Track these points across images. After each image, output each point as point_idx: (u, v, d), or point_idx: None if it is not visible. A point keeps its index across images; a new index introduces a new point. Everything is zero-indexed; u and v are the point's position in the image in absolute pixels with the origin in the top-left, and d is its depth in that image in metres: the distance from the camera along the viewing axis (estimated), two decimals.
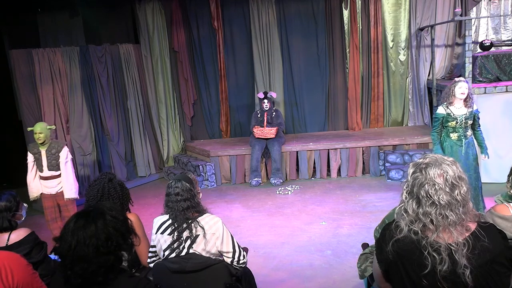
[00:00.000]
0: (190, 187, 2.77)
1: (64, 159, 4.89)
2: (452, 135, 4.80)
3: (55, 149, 4.86)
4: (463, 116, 4.72)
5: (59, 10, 7.83)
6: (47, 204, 4.99)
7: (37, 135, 4.80)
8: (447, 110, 4.77)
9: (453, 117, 4.74)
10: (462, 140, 4.78)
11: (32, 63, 6.82)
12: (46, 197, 4.98)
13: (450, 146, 4.82)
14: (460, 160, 4.72)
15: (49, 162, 4.86)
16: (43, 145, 4.87)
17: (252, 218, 5.86)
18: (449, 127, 4.79)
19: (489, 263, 1.72)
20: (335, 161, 7.41)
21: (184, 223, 2.70)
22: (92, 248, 1.66)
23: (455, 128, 4.76)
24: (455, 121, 4.73)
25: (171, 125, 8.61)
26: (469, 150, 4.80)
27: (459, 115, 4.72)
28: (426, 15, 7.94)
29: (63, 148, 4.90)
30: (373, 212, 5.69)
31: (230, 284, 2.75)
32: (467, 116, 4.72)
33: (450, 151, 4.81)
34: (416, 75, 8.13)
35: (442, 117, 4.80)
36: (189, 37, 8.31)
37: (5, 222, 2.80)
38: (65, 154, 4.89)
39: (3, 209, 2.81)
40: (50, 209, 4.99)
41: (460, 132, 4.76)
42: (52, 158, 4.86)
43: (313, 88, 8.34)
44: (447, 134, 4.84)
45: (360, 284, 3.88)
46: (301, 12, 8.14)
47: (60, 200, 4.96)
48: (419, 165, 1.81)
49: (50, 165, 4.87)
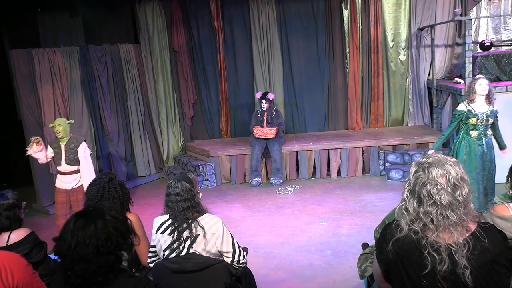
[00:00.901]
0: (190, 187, 2.77)
1: (83, 153, 4.99)
2: (472, 133, 4.78)
3: (74, 144, 4.97)
4: (485, 113, 4.71)
5: (59, 10, 7.82)
6: (60, 199, 5.06)
7: (56, 128, 4.93)
8: (468, 107, 4.75)
9: (474, 114, 4.72)
10: (482, 138, 4.76)
11: (32, 63, 6.81)
12: (60, 192, 5.05)
13: (469, 145, 4.79)
14: (478, 159, 4.74)
15: (67, 156, 4.96)
16: (62, 140, 4.98)
17: (252, 218, 5.86)
18: (470, 124, 4.76)
19: (489, 263, 1.71)
20: (335, 161, 7.41)
21: (184, 223, 2.70)
22: (92, 248, 1.66)
23: (476, 126, 4.74)
24: (476, 118, 4.71)
25: (171, 125, 8.61)
26: (487, 150, 4.79)
27: (481, 112, 4.71)
28: (426, 15, 7.94)
29: (82, 143, 5.01)
30: (373, 212, 5.69)
31: (230, 284, 2.75)
32: (489, 114, 4.71)
33: (468, 150, 4.78)
34: (416, 75, 8.13)
35: (462, 113, 4.78)
36: (189, 37, 8.31)
37: (15, 219, 2.80)
38: (83, 149, 5.00)
39: (13, 205, 2.81)
40: (61, 204, 5.05)
41: (480, 130, 4.75)
42: (70, 152, 4.96)
43: (313, 88, 8.34)
44: (466, 132, 4.81)
45: (360, 284, 3.88)
46: (301, 12, 8.14)
47: (73, 196, 5.04)
48: (422, 164, 1.81)
49: (68, 159, 4.97)
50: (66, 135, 4.99)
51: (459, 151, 4.87)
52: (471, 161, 4.79)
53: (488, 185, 4.84)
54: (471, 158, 4.79)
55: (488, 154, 4.81)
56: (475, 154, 4.77)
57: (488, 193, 4.84)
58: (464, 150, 4.82)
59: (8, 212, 2.78)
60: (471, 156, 4.79)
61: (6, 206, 2.78)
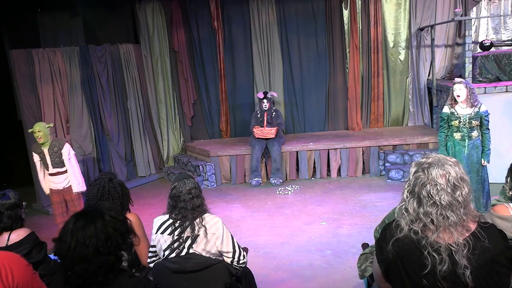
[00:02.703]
0: (197, 184, 2.80)
1: (67, 155, 4.99)
2: (455, 135, 4.82)
3: (57, 147, 4.96)
4: (467, 116, 4.72)
5: (59, 10, 7.82)
6: (54, 199, 5.10)
7: (36, 134, 4.89)
8: (451, 109, 4.81)
9: (456, 116, 4.76)
10: (466, 140, 4.77)
11: (32, 63, 6.81)
12: (54, 192, 5.09)
13: (453, 146, 4.85)
14: (462, 160, 4.73)
15: (52, 160, 4.96)
16: (44, 145, 4.95)
17: (252, 218, 5.86)
18: (453, 126, 4.82)
19: (489, 263, 1.71)
20: (335, 161, 7.41)
21: (188, 221, 2.69)
22: (91, 249, 1.66)
23: (459, 128, 4.78)
24: (458, 121, 4.75)
25: (171, 125, 8.61)
26: (473, 151, 4.78)
27: (463, 114, 4.74)
28: (426, 15, 7.94)
29: (64, 145, 4.99)
30: (373, 212, 5.69)
31: (230, 284, 2.75)
32: (472, 116, 4.71)
33: (453, 151, 4.83)
34: (416, 75, 8.13)
35: (446, 116, 4.85)
36: (189, 37, 8.31)
37: (17, 218, 2.81)
38: (67, 150, 4.99)
39: (15, 205, 2.81)
40: (57, 204, 5.10)
41: (463, 132, 4.76)
42: (55, 156, 4.96)
43: (313, 88, 8.34)
44: (451, 133, 4.87)
45: (360, 284, 3.88)
46: (301, 12, 8.14)
47: (66, 195, 5.07)
48: (421, 164, 1.81)
49: (54, 162, 4.97)
50: (47, 140, 4.95)
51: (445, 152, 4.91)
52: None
53: (478, 187, 4.80)
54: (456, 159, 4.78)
55: (474, 156, 4.78)
56: (459, 155, 4.78)
57: (478, 196, 4.79)
58: (450, 151, 4.87)
59: (10, 212, 2.78)
60: (456, 156, 4.77)
61: (8, 206, 2.78)
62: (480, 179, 4.85)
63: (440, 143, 4.97)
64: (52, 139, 5.03)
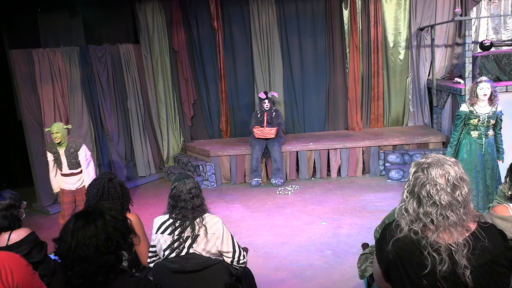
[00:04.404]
0: (197, 183, 2.80)
1: (84, 157, 4.98)
2: (473, 133, 4.84)
3: (73, 149, 4.93)
4: (486, 114, 4.75)
5: (59, 10, 7.81)
6: (66, 199, 5.07)
7: (54, 135, 4.86)
8: (470, 108, 4.81)
9: (475, 115, 4.77)
10: (482, 138, 4.81)
11: (32, 63, 6.81)
12: (66, 193, 5.07)
13: (470, 144, 4.86)
14: (478, 158, 4.80)
15: (68, 161, 4.94)
16: (60, 145, 4.93)
17: (252, 218, 5.86)
18: (471, 124, 4.82)
19: (489, 263, 1.71)
20: (335, 161, 7.41)
21: (188, 221, 2.69)
22: (92, 248, 1.66)
23: (477, 126, 4.80)
24: (477, 119, 4.76)
25: (171, 125, 8.61)
26: (489, 149, 4.84)
27: (482, 113, 4.76)
28: (426, 15, 7.94)
29: (82, 147, 4.98)
30: (373, 212, 5.69)
31: (230, 284, 2.75)
32: (490, 115, 4.75)
33: (469, 149, 4.85)
34: (416, 75, 8.13)
35: (465, 114, 4.84)
36: (189, 37, 8.31)
37: (13, 218, 2.81)
38: (83, 152, 4.98)
39: (10, 205, 2.81)
40: (67, 204, 5.07)
41: (481, 131, 4.80)
42: (71, 157, 4.94)
43: (313, 88, 8.35)
44: (467, 131, 4.88)
45: (360, 284, 3.88)
46: (301, 12, 8.14)
47: (78, 196, 5.05)
48: (421, 164, 1.81)
49: (70, 163, 4.95)
50: (64, 141, 4.94)
51: (460, 149, 4.95)
52: (472, 160, 4.87)
53: (492, 183, 4.87)
54: (471, 157, 4.87)
55: (490, 153, 4.85)
56: (475, 152, 4.83)
57: (491, 191, 4.87)
58: (465, 149, 4.89)
59: (5, 212, 2.78)
60: (471, 154, 4.86)
61: (3, 207, 2.78)
62: (495, 175, 4.92)
63: (452, 141, 4.98)
64: (69, 140, 5.02)
